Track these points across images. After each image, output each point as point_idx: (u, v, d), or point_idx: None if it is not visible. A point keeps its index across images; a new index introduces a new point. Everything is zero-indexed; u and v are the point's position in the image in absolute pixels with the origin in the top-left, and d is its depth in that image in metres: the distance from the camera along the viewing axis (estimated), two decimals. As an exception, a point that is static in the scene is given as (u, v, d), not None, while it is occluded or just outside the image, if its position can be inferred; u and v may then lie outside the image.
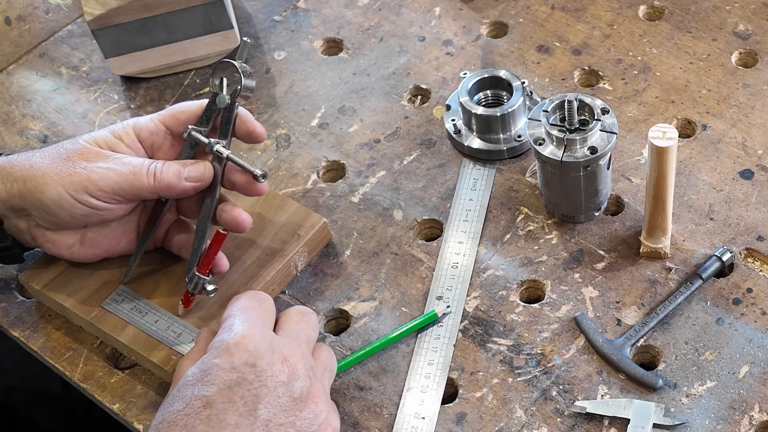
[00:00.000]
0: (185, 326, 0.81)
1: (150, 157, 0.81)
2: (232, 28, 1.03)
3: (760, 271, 0.85)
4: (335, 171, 0.97)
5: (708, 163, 0.92)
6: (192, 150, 0.81)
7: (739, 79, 0.98)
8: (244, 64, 0.80)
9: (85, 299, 0.83)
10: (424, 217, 0.91)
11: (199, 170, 0.79)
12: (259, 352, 0.68)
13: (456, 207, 0.91)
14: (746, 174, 0.91)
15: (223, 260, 0.82)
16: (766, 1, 1.04)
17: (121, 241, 0.83)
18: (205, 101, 0.81)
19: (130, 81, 1.05)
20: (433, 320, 0.83)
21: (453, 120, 0.95)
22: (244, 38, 0.82)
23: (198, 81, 1.05)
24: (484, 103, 0.95)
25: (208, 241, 0.80)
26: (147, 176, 0.78)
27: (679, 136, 0.92)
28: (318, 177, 0.96)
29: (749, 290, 0.83)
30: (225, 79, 0.80)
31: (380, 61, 1.05)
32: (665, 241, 0.85)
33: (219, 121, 0.80)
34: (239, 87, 0.79)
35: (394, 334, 0.82)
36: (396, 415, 0.79)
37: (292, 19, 1.10)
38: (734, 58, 1.00)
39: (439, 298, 0.85)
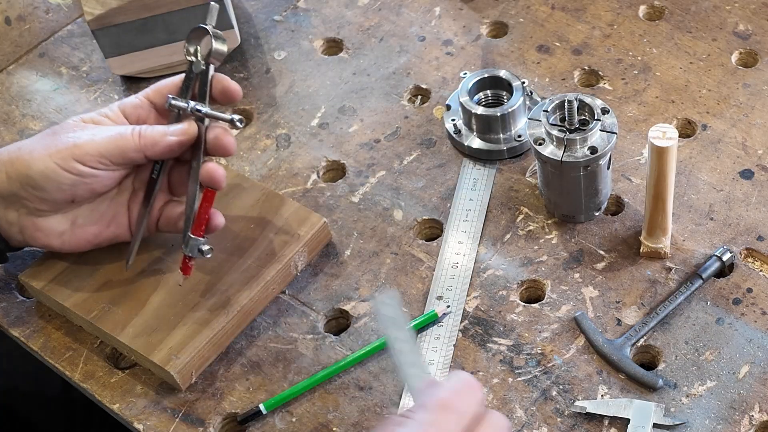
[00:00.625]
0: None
1: None
2: (232, 28, 1.03)
3: (760, 271, 0.85)
4: (335, 171, 0.97)
5: (708, 163, 0.92)
6: (176, 120, 0.82)
7: (739, 79, 0.98)
8: (214, 29, 0.81)
9: (85, 299, 0.83)
10: (424, 217, 0.91)
11: (183, 126, 0.80)
12: None
13: (456, 207, 0.91)
14: (746, 174, 0.91)
15: (217, 217, 0.82)
16: (766, 1, 1.04)
17: (111, 224, 0.83)
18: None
19: (130, 81, 1.05)
20: (434, 320, 0.83)
21: (453, 120, 0.95)
22: (212, 3, 0.83)
23: (198, 81, 1.05)
24: (484, 103, 0.95)
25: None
26: (132, 135, 0.79)
27: (679, 136, 0.92)
28: (318, 177, 0.96)
29: (749, 290, 0.83)
30: (199, 47, 0.81)
31: (380, 61, 1.05)
32: (665, 241, 0.85)
33: (198, 88, 0.82)
34: (210, 49, 0.81)
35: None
36: (396, 415, 0.79)
37: (292, 19, 1.10)
38: (734, 58, 1.00)
39: (439, 298, 0.85)
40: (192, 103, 0.80)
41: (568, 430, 0.77)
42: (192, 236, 0.80)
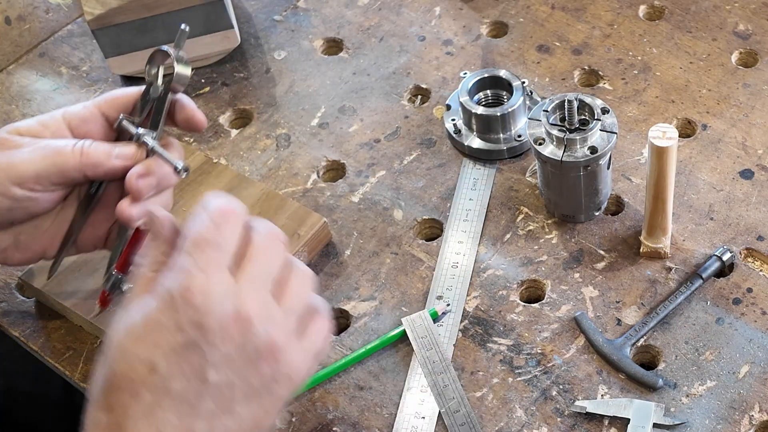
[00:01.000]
0: None
1: None
2: (232, 27, 1.03)
3: (760, 270, 0.85)
4: (335, 171, 0.97)
5: (708, 162, 0.92)
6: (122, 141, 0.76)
7: (739, 78, 0.98)
8: (180, 53, 0.75)
9: (85, 299, 0.83)
10: (424, 217, 0.91)
11: (131, 150, 0.74)
12: (207, 309, 0.60)
13: (456, 207, 0.91)
14: (746, 174, 0.91)
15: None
16: (766, 1, 1.04)
17: (55, 243, 0.77)
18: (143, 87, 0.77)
19: (130, 81, 1.05)
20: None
21: (453, 120, 0.95)
22: (182, 25, 0.76)
23: (199, 80, 1.05)
24: (484, 103, 0.95)
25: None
26: (73, 152, 0.72)
27: (679, 136, 0.92)
28: (318, 177, 0.96)
29: (749, 290, 0.83)
30: (161, 68, 0.75)
31: (380, 60, 1.05)
32: (665, 240, 0.85)
33: (153, 114, 0.76)
34: (172, 75, 0.75)
35: (393, 333, 0.82)
36: (396, 414, 0.79)
37: (292, 19, 1.10)
38: (734, 57, 1.00)
39: (439, 297, 0.85)
40: (141, 131, 0.74)
41: (568, 430, 0.77)
42: (114, 273, 0.76)
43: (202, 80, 1.05)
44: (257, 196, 0.89)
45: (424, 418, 0.78)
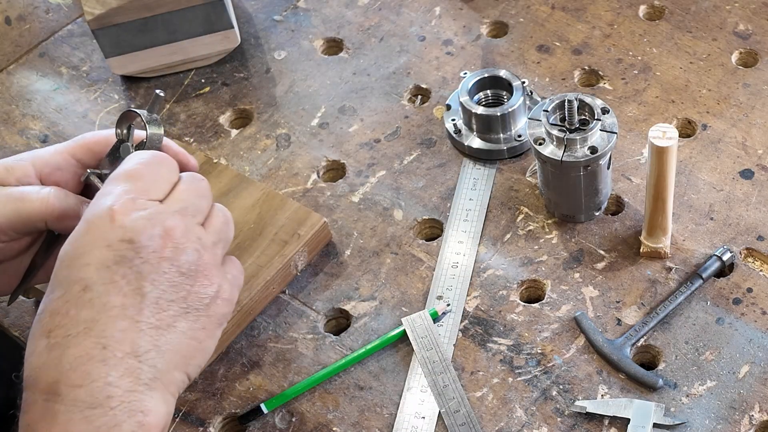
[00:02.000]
0: None
1: None
2: (233, 27, 1.03)
3: (761, 270, 0.85)
4: (335, 171, 0.97)
5: (708, 162, 0.92)
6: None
7: (739, 78, 0.98)
8: (154, 115, 0.73)
9: None
10: (424, 217, 0.91)
11: None
12: (136, 228, 0.62)
13: (456, 207, 0.91)
14: (746, 174, 0.91)
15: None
16: (766, 1, 1.04)
17: (16, 279, 0.76)
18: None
19: (130, 81, 1.05)
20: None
21: (453, 120, 0.95)
22: (157, 91, 0.73)
23: (199, 80, 1.05)
24: (484, 103, 0.95)
25: None
26: (39, 201, 0.70)
27: (679, 136, 0.92)
28: (318, 177, 0.96)
29: (749, 290, 0.83)
30: (133, 127, 0.74)
31: (380, 60, 1.05)
32: (665, 240, 0.85)
33: None
34: (145, 139, 0.72)
35: (393, 333, 0.82)
36: (396, 415, 0.79)
37: (293, 19, 1.10)
38: (734, 57, 1.00)
39: (439, 297, 0.85)
40: None
41: (568, 430, 0.77)
42: None
43: (202, 80, 1.05)
44: (257, 196, 0.89)
45: (424, 418, 0.78)
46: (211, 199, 0.70)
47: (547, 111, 0.83)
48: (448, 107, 0.96)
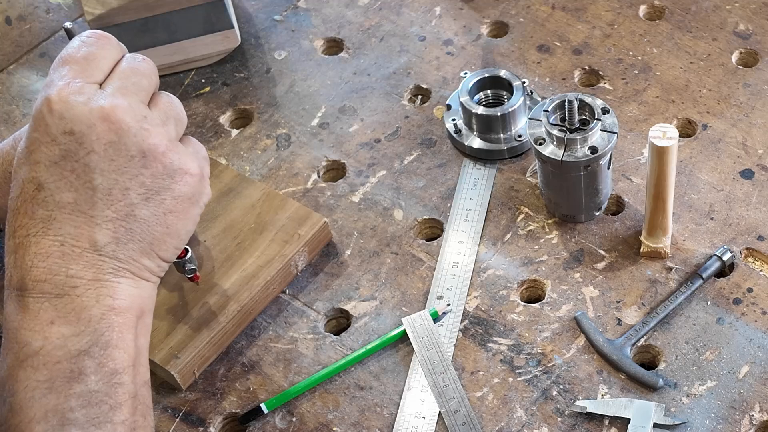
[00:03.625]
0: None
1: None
2: (233, 27, 1.03)
3: (761, 270, 0.85)
4: (336, 171, 0.97)
5: (708, 162, 0.92)
6: None
7: (739, 78, 0.98)
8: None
9: None
10: (425, 217, 0.91)
11: None
12: (74, 116, 0.60)
13: (456, 207, 0.91)
14: (746, 174, 0.91)
15: None
16: (766, 1, 1.04)
17: None
18: None
19: (130, 81, 1.05)
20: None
21: (453, 120, 0.95)
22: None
23: (199, 80, 1.05)
24: (484, 103, 0.95)
25: None
26: None
27: (680, 136, 0.92)
28: (318, 177, 0.96)
29: (749, 290, 0.83)
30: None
31: (381, 60, 1.05)
32: (665, 240, 0.85)
33: None
34: None
35: (394, 333, 0.82)
36: (396, 415, 0.79)
37: (293, 19, 1.10)
38: (734, 57, 1.00)
39: (440, 297, 0.85)
40: None
41: (568, 430, 0.77)
42: (176, 260, 0.75)
43: (203, 80, 1.05)
44: (258, 196, 0.89)
45: (424, 418, 0.78)
46: (156, 80, 0.67)
47: (547, 111, 0.83)
48: (449, 107, 0.96)
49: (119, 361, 0.61)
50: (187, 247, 0.77)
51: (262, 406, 0.79)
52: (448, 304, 0.84)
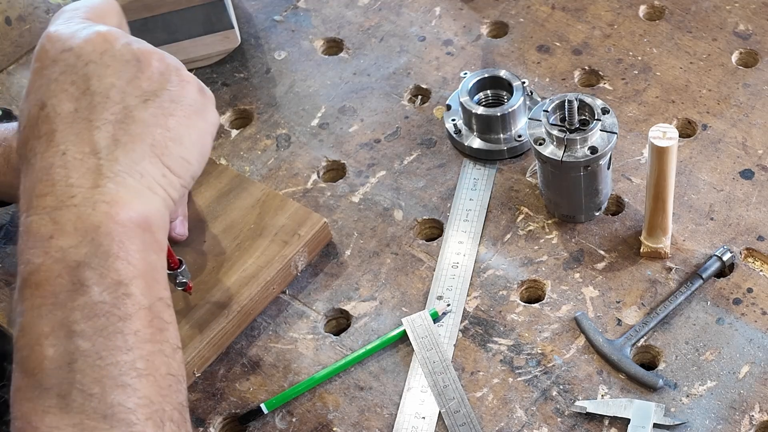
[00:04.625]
0: None
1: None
2: (233, 27, 1.03)
3: (761, 271, 0.85)
4: (335, 171, 0.97)
5: (708, 163, 0.92)
6: None
7: (739, 78, 0.98)
8: None
9: None
10: (425, 217, 0.91)
11: None
12: (71, 35, 0.64)
13: (456, 207, 0.91)
14: (746, 174, 0.91)
15: (179, 227, 0.84)
16: (766, 1, 1.04)
17: None
18: None
19: (130, 81, 1.05)
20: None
21: (453, 120, 0.95)
22: None
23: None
24: (484, 103, 0.95)
25: None
26: None
27: (680, 136, 0.92)
28: (318, 177, 0.96)
29: (749, 290, 0.83)
30: None
31: (380, 61, 1.05)
32: (665, 241, 0.85)
33: None
34: None
35: (393, 333, 0.82)
36: (396, 415, 0.79)
37: (293, 19, 1.10)
38: (734, 57, 1.00)
39: (440, 297, 0.85)
40: None
41: (568, 430, 0.77)
42: (170, 272, 0.77)
43: (203, 80, 1.04)
44: (257, 197, 0.89)
45: (424, 418, 0.78)
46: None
47: (547, 111, 0.83)
48: (448, 107, 0.96)
49: (123, 272, 0.60)
50: (181, 259, 0.78)
51: (262, 406, 0.79)
52: (448, 305, 0.84)
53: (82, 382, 0.56)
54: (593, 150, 0.82)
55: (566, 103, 0.81)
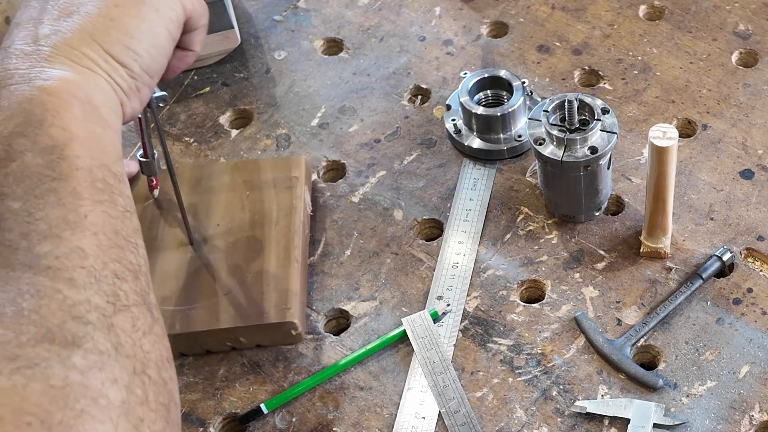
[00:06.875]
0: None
1: None
2: (233, 27, 1.03)
3: (761, 270, 0.85)
4: (335, 171, 0.97)
5: (708, 162, 0.92)
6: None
7: (739, 78, 0.98)
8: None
9: None
10: (424, 217, 0.91)
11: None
12: None
13: (456, 207, 0.91)
14: (746, 174, 0.91)
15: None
16: (766, 1, 1.04)
17: None
18: None
19: (130, 81, 1.05)
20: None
21: (453, 120, 0.95)
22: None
23: (199, 80, 1.05)
24: (484, 103, 0.95)
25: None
26: None
27: (680, 136, 0.92)
28: (318, 177, 0.96)
29: (749, 290, 0.83)
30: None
31: (380, 60, 1.05)
32: (665, 240, 0.85)
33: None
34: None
35: (393, 333, 0.82)
36: (396, 415, 0.79)
37: (293, 19, 1.10)
38: (734, 57, 1.00)
39: (440, 297, 0.85)
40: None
41: (568, 430, 0.77)
42: (143, 160, 0.81)
43: (203, 80, 1.05)
44: (227, 171, 0.90)
45: (424, 418, 0.78)
46: None
47: (547, 111, 0.83)
48: (448, 107, 0.96)
49: (57, 137, 0.60)
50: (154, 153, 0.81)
51: (262, 406, 0.79)
52: (448, 305, 0.84)
53: (9, 239, 0.56)
54: (593, 150, 0.82)
55: (566, 103, 0.81)
